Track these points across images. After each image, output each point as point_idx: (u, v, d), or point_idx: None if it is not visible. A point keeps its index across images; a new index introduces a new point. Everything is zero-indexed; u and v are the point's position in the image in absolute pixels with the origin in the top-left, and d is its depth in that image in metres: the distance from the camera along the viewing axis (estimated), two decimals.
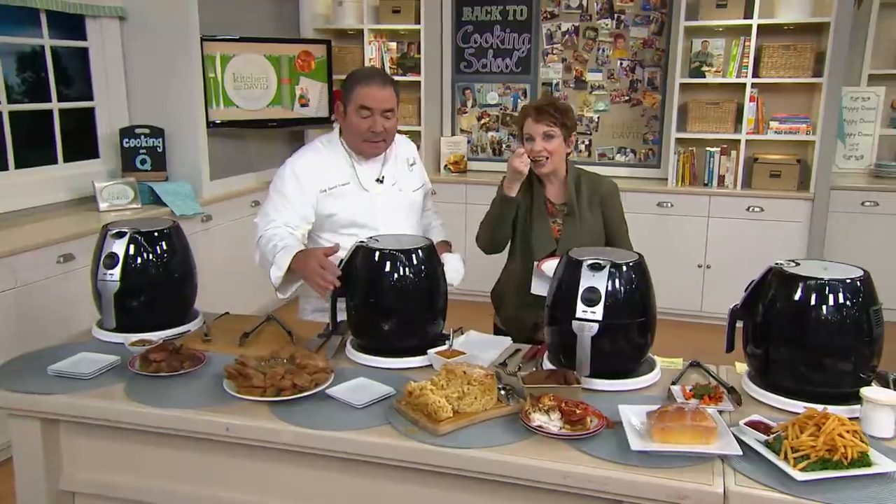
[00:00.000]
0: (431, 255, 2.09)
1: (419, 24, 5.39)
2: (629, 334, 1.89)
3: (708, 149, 4.93)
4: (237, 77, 4.92)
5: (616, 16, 5.28)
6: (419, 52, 5.47)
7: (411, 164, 2.64)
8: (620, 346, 1.89)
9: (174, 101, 4.54)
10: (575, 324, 1.85)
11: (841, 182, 4.88)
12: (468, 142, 5.75)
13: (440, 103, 5.77)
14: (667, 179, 5.06)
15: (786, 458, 1.52)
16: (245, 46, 4.95)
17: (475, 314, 2.81)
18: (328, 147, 2.52)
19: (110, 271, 2.14)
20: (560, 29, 5.42)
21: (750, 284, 1.90)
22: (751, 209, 4.75)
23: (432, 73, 5.58)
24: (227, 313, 2.48)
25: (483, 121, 5.74)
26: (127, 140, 4.44)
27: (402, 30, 5.52)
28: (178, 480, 1.90)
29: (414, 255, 2.05)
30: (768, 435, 1.61)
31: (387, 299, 2.03)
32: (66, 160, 4.32)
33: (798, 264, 1.85)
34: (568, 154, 2.62)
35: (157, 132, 4.50)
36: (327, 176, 2.46)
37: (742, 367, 2.02)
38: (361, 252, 2.05)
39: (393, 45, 5.57)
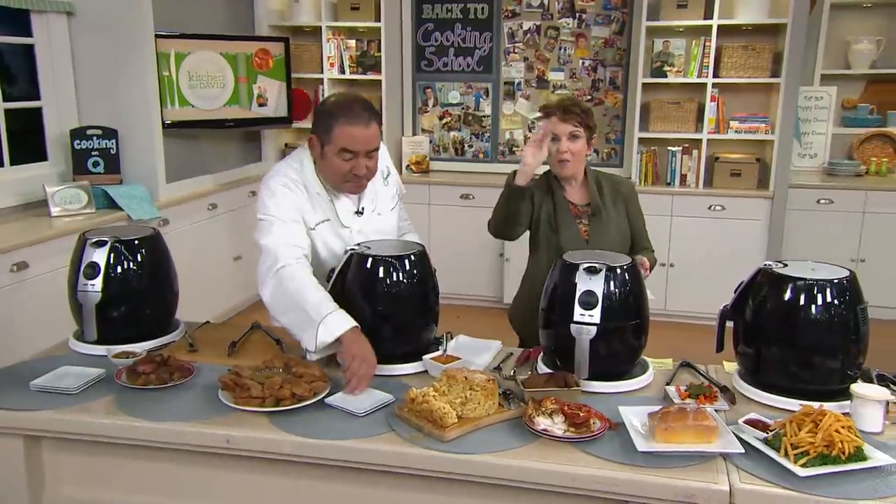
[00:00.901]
0: (424, 260, 2.08)
1: (379, 21, 5.35)
2: (625, 336, 1.92)
3: (670, 148, 5.02)
4: (192, 75, 4.81)
5: (577, 15, 5.34)
6: (379, 51, 5.43)
7: (386, 176, 2.43)
8: (616, 348, 1.92)
9: (127, 100, 4.40)
10: (573, 327, 1.86)
11: (797, 180, 5.02)
12: (430, 141, 5.74)
13: (401, 102, 5.74)
14: (630, 178, 5.14)
15: (786, 455, 1.56)
16: (200, 44, 4.84)
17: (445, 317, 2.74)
18: (302, 179, 2.24)
19: (91, 281, 2.07)
20: (521, 28, 5.45)
21: (739, 285, 1.95)
22: (712, 208, 4.85)
23: (393, 72, 5.55)
24: (208, 322, 2.43)
25: (445, 120, 5.74)
26: (78, 142, 4.29)
27: (362, 27, 5.48)
28: (172, 495, 1.86)
29: (407, 261, 2.04)
30: (766, 432, 1.65)
31: (381, 306, 2.01)
32: (12, 163, 4.14)
33: (786, 265, 1.90)
34: (587, 156, 2.63)
35: (110, 133, 4.36)
36: (309, 213, 2.23)
37: (731, 367, 2.07)
38: (354, 259, 2.03)
39: (352, 42, 5.53)
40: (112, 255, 2.10)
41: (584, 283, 1.88)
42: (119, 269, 2.12)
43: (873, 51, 5.33)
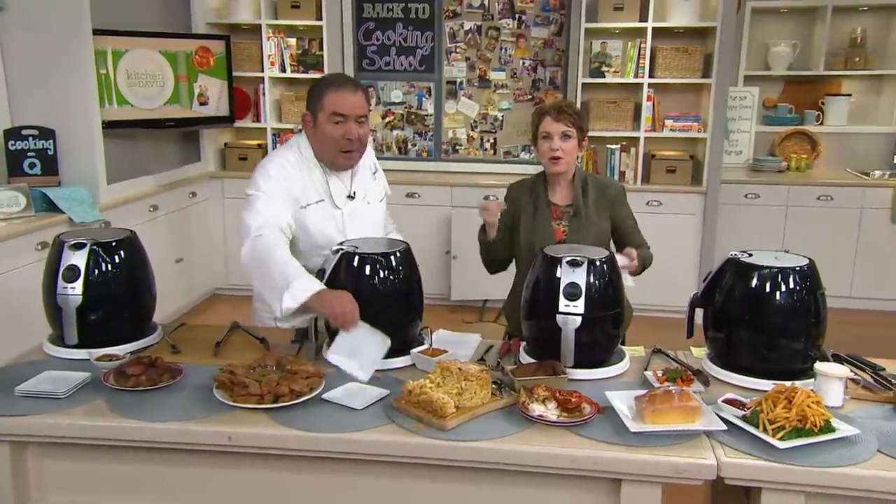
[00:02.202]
0: (409, 257, 2.13)
1: (320, 20, 5.35)
2: (605, 326, 2.02)
3: (609, 146, 5.20)
4: (131, 74, 4.70)
5: (517, 16, 5.46)
6: (321, 49, 5.43)
7: (374, 172, 2.58)
8: (598, 337, 2.02)
9: (64, 99, 4.25)
10: (559, 318, 1.95)
11: (725, 176, 5.27)
12: (373, 140, 5.76)
13: None
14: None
15: (765, 430, 1.69)
16: (139, 41, 4.73)
17: None
18: (301, 160, 2.39)
19: (71, 285, 2.04)
20: (463, 28, 5.54)
21: (708, 274, 2.08)
22: (650, 203, 5.06)
23: (335, 71, 5.54)
24: (184, 324, 2.42)
25: (388, 119, 5.78)
26: (13, 142, 4.13)
27: (302, 26, 5.46)
28: (168, 496, 1.86)
29: (393, 258, 2.09)
30: (744, 410, 1.78)
31: (369, 302, 2.05)
32: None
33: (751, 255, 2.03)
34: (578, 157, 2.71)
35: (47, 133, 4.21)
36: (304, 191, 2.36)
37: (699, 352, 2.20)
38: (342, 257, 2.07)
39: (292, 41, 5.50)
40: (91, 257, 2.07)
41: (567, 275, 1.97)
42: (98, 272, 2.09)
43: (790, 53, 5.66)
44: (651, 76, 5.09)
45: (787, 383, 1.78)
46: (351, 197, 2.44)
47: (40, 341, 2.20)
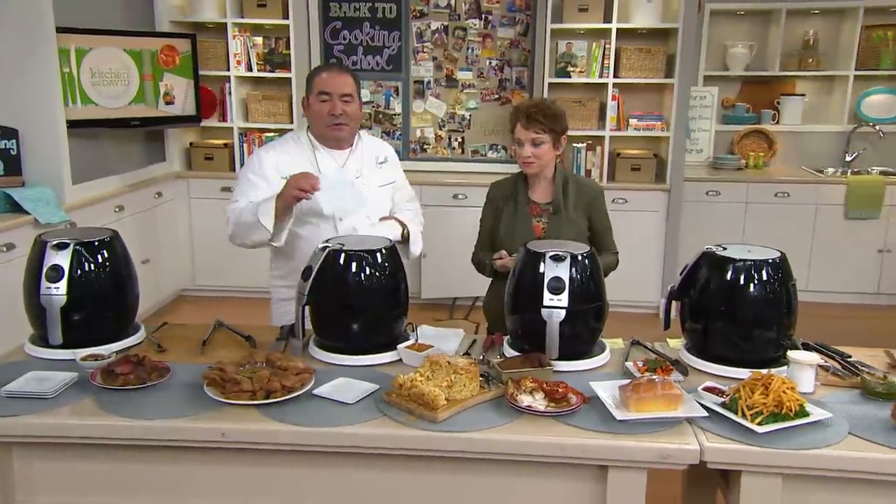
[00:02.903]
0: (394, 254, 2.17)
1: (286, 19, 5.33)
2: (588, 319, 2.08)
3: (575, 145, 5.29)
4: (95, 73, 4.63)
5: (483, 16, 5.52)
6: (287, 48, 5.41)
7: (381, 163, 2.76)
8: (581, 329, 2.08)
9: (28, 98, 4.17)
10: (544, 311, 2.01)
11: (687, 174, 5.39)
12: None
13: None
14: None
15: (744, 416, 1.76)
16: (103, 39, 4.65)
17: None
18: (294, 139, 2.70)
19: (55, 284, 2.03)
20: (430, 28, 5.58)
21: (685, 268, 2.15)
22: (616, 201, 5.15)
23: (302, 70, 5.53)
24: (166, 323, 2.41)
25: None
26: None
27: (268, 24, 5.44)
28: (158, 493, 1.86)
29: (379, 255, 2.12)
30: (723, 397, 1.85)
31: (356, 299, 2.09)
32: None
33: (725, 248, 2.11)
34: (558, 156, 2.75)
35: (10, 133, 4.13)
36: (289, 162, 2.60)
37: (675, 343, 2.27)
38: (329, 254, 2.09)
39: (259, 40, 5.47)
40: (74, 257, 2.06)
41: (551, 269, 2.03)
42: (81, 272, 2.08)
43: (747, 54, 5.82)
44: (616, 76, 5.18)
45: (763, 371, 1.86)
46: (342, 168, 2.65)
47: (10, 342, 2.18)
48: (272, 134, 5.51)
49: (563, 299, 2.00)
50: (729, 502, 1.83)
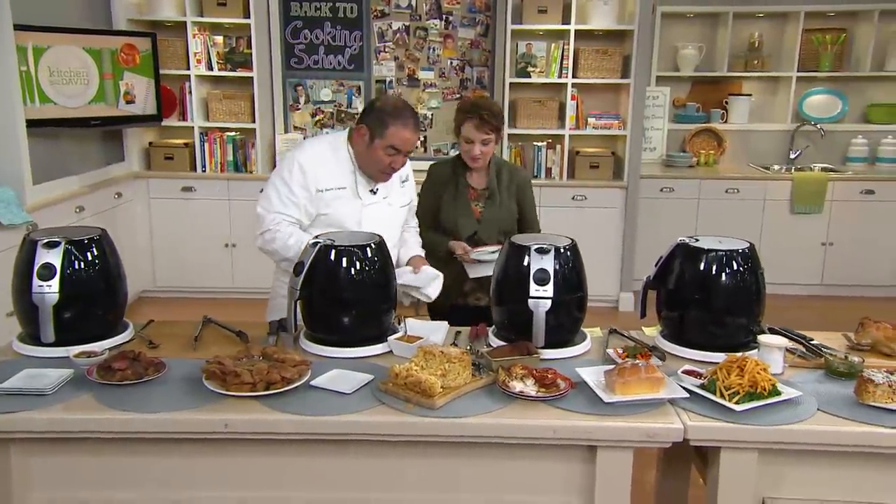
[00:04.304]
0: (383, 249, 2.23)
1: (246, 17, 5.32)
2: (571, 308, 2.18)
3: (535, 143, 5.41)
4: (53, 71, 4.56)
5: (444, 17, 5.60)
6: (248, 47, 5.41)
7: (403, 181, 2.76)
8: (564, 319, 2.17)
9: None
10: (531, 302, 2.10)
11: (642, 171, 5.56)
12: (303, 139, 5.77)
13: (271, 100, 5.73)
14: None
15: (721, 396, 1.88)
16: (61, 37, 4.59)
17: None
18: (335, 148, 2.60)
19: (47, 283, 2.03)
20: (391, 28, 5.64)
21: (659, 259, 2.26)
22: (575, 198, 5.30)
23: (263, 70, 5.54)
24: (152, 321, 2.43)
25: (317, 118, 5.81)
26: None
27: (228, 23, 5.42)
28: (160, 486, 1.89)
29: (368, 249, 2.18)
30: (701, 379, 1.97)
31: (347, 292, 2.14)
32: None
33: (698, 240, 2.23)
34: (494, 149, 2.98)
35: None
36: (329, 177, 2.55)
37: (650, 331, 2.39)
38: (320, 249, 2.14)
39: (219, 38, 5.45)
40: (66, 256, 2.07)
41: (536, 262, 2.12)
42: (71, 270, 2.08)
43: (697, 56, 6.03)
44: (574, 76, 5.33)
45: (739, 354, 1.98)
46: (373, 192, 2.63)
47: None
48: (233, 133, 5.50)
49: (549, 290, 2.09)
50: (708, 478, 1.95)
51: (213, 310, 2.50)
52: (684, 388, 1.93)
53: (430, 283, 2.64)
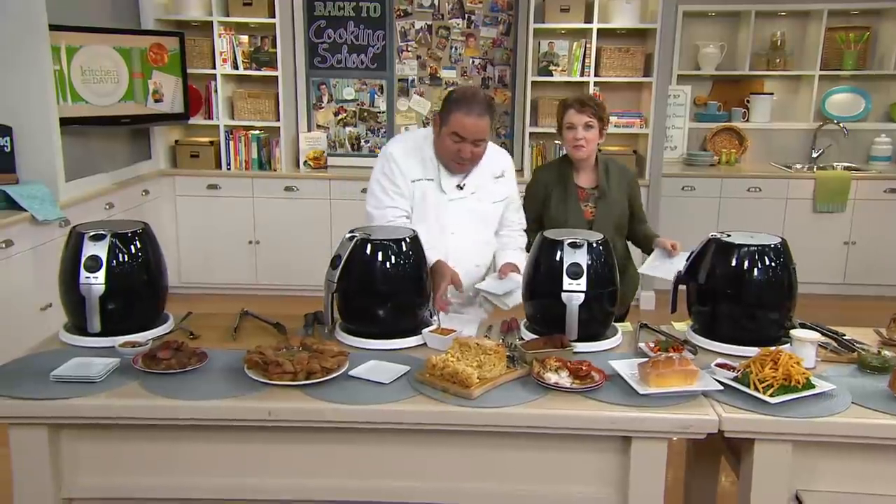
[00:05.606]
0: (417, 243, 2.26)
1: (272, 17, 5.38)
2: (603, 302, 2.21)
3: (557, 142, 5.43)
4: (85, 70, 4.64)
5: (466, 16, 5.64)
6: (273, 46, 5.46)
7: (497, 177, 2.71)
8: (597, 312, 2.20)
9: (21, 95, 4.15)
10: (564, 295, 2.13)
11: (663, 170, 5.57)
12: (327, 137, 5.83)
13: (295, 98, 5.79)
14: (523, 170, 5.51)
15: (756, 388, 1.90)
16: (93, 37, 4.66)
17: None
18: (424, 140, 2.64)
19: (94, 274, 2.09)
20: (414, 27, 5.68)
21: (691, 254, 2.29)
22: None
23: (287, 68, 5.59)
24: (191, 313, 2.47)
25: (340, 116, 5.86)
26: None
27: (253, 23, 5.48)
28: (202, 472, 1.94)
29: (403, 244, 2.22)
30: (734, 372, 1.99)
31: (383, 285, 2.18)
32: None
33: (730, 235, 2.25)
34: (599, 144, 2.95)
35: (4, 130, 4.12)
36: (419, 167, 2.60)
37: (680, 326, 2.41)
38: (356, 243, 2.18)
39: (244, 38, 5.51)
40: (111, 248, 2.13)
41: (569, 256, 2.15)
42: (117, 262, 2.14)
43: (718, 54, 6.03)
44: (596, 75, 5.34)
45: (773, 348, 2.00)
46: (460, 187, 2.63)
47: (12, 332, 2.22)
48: (258, 131, 5.56)
49: (582, 284, 2.12)
50: (742, 471, 1.97)
51: (236, 306, 2.54)
52: (718, 380, 1.96)
53: (511, 291, 2.55)
